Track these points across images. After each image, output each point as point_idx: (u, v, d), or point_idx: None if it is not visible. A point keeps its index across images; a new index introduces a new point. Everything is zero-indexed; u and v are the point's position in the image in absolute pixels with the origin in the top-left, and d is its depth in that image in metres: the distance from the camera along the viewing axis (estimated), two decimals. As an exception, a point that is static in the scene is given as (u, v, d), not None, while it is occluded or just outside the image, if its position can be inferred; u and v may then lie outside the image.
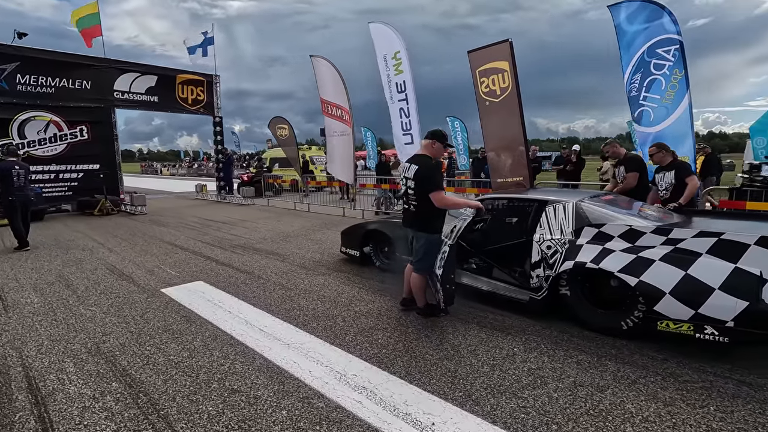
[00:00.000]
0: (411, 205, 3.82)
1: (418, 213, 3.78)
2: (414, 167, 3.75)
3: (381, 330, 3.76)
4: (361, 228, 5.89)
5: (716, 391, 2.73)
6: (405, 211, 3.95)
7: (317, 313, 4.20)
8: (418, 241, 3.82)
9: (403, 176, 3.91)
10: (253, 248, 7.27)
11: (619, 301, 3.52)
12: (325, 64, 10.66)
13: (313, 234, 8.56)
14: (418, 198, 3.73)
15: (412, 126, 9.20)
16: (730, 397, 2.66)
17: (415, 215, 3.80)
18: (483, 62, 7.67)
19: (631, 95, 6.26)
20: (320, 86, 11.02)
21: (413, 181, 3.72)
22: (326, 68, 10.63)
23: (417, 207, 3.77)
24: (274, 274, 5.65)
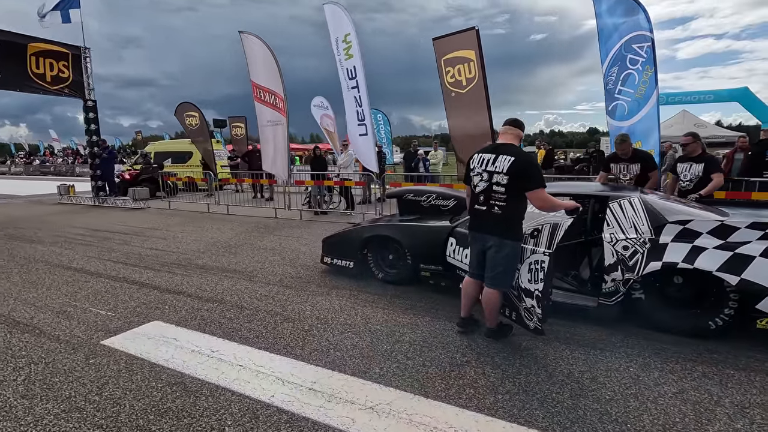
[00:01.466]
0: (495, 205, 3.12)
1: (504, 216, 3.10)
2: (507, 159, 3.05)
3: (468, 366, 3.00)
4: (358, 233, 4.95)
5: None
6: (480, 214, 3.23)
7: (365, 351, 3.23)
8: (500, 251, 3.13)
9: (483, 170, 3.18)
10: (196, 265, 5.71)
11: (700, 301, 3.35)
12: (256, 42, 9.13)
13: (259, 242, 7.19)
14: (510, 197, 3.06)
15: (365, 116, 8.37)
16: None
17: (500, 218, 3.11)
18: (448, 50, 7.25)
19: (608, 88, 6.43)
20: (251, 68, 9.44)
21: (506, 175, 3.03)
22: (258, 47, 9.12)
23: (505, 208, 3.08)
24: (255, 299, 4.39)
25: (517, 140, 3.22)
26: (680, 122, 22.07)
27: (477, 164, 3.24)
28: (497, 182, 3.08)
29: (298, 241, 7.17)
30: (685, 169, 4.99)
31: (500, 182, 3.07)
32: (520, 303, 3.25)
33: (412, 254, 4.50)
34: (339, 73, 8.55)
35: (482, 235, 3.22)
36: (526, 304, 3.16)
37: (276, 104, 9.37)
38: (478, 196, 3.23)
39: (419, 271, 4.51)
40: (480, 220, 3.23)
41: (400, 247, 4.67)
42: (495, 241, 3.14)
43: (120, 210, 11.51)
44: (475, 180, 3.25)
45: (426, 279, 4.50)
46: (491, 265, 3.20)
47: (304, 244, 7.00)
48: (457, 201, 4.91)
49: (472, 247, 3.39)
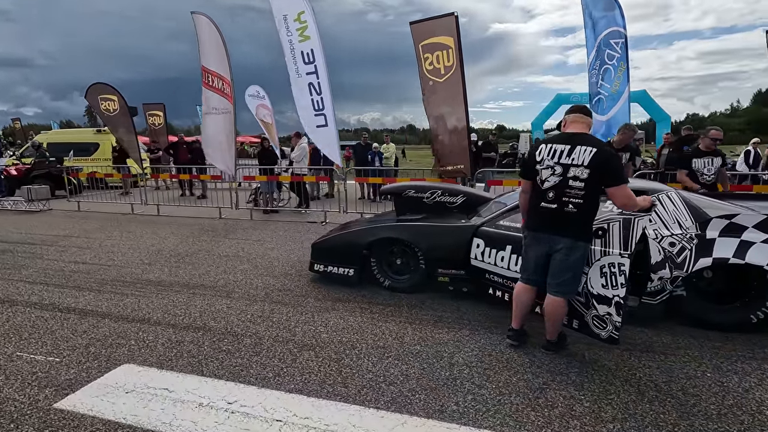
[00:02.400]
0: (569, 203, 2.74)
1: (580, 214, 2.74)
2: (587, 150, 2.68)
3: (550, 389, 2.60)
4: (359, 236, 4.33)
5: None
6: (547, 212, 2.84)
7: (423, 381, 2.68)
8: (571, 254, 2.78)
9: (556, 162, 2.79)
10: (148, 281, 4.64)
11: (739, 295, 3.34)
12: (206, 23, 7.85)
13: (214, 248, 6.17)
14: (588, 194, 2.70)
15: (325, 105, 7.60)
16: None
17: (575, 217, 2.75)
18: (426, 36, 6.81)
19: (591, 81, 6.46)
20: (202, 51, 8.11)
21: (586, 169, 2.67)
22: (208, 29, 7.84)
23: (581, 206, 2.73)
24: (249, 322, 3.59)
25: (589, 129, 2.89)
26: (591, 120, 24.35)
27: (547, 156, 2.84)
28: (574, 176, 2.72)
29: (262, 246, 6.28)
30: (708, 164, 4.98)
31: (578, 176, 2.71)
32: (588, 310, 2.93)
33: (428, 258, 4.02)
34: (287, 58, 7.65)
35: (549, 236, 2.85)
36: (599, 311, 2.86)
37: (223, 90, 8.18)
38: (546, 192, 2.84)
39: (436, 276, 4.05)
40: (547, 219, 2.85)
41: (410, 251, 4.16)
42: (567, 243, 2.79)
43: (12, 214, 9.37)
44: (545, 174, 2.84)
45: (444, 285, 4.05)
46: (558, 270, 2.84)
47: (270, 248, 6.14)
48: (467, 197, 4.52)
49: (530, 249, 3.00)
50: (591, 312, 2.91)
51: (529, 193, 3.02)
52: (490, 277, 3.76)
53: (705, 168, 4.96)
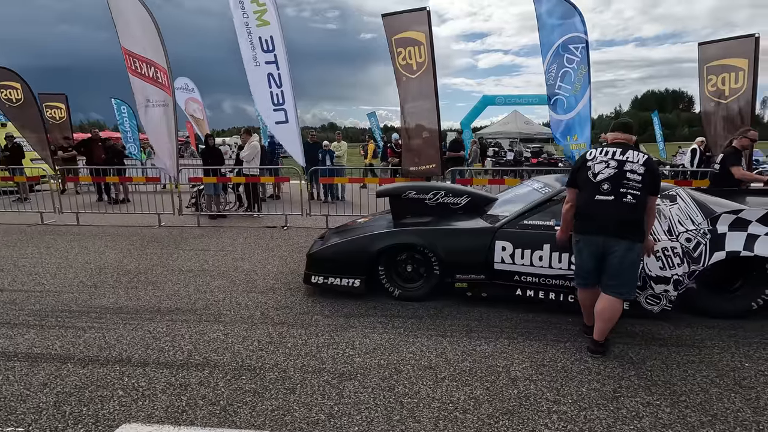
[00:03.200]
0: (628, 194, 2.75)
1: (636, 208, 2.76)
2: (641, 155, 2.79)
3: (625, 397, 2.50)
4: (367, 243, 3.94)
5: None
6: (603, 205, 2.79)
7: (497, 404, 2.42)
8: (628, 255, 2.75)
9: (610, 158, 2.81)
10: (104, 309, 3.79)
11: (735, 283, 3.59)
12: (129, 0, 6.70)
13: (170, 261, 5.33)
14: (643, 190, 2.75)
15: (285, 99, 6.99)
16: None
17: (632, 212, 2.76)
18: (399, 30, 6.57)
19: (549, 83, 6.68)
20: (121, 31, 6.89)
21: (643, 166, 2.75)
22: (132, 6, 6.70)
23: (639, 198, 2.75)
24: (262, 351, 3.05)
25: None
26: (513, 120, 25.90)
27: (599, 154, 2.86)
28: (632, 170, 2.75)
29: (228, 257, 5.56)
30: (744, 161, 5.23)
31: (636, 171, 2.75)
32: (644, 291, 3.18)
33: (447, 263, 3.78)
34: (242, 43, 6.91)
35: (604, 238, 2.79)
36: (655, 290, 3.15)
37: (158, 79, 7.13)
38: (599, 185, 2.80)
39: (452, 282, 3.83)
40: (603, 214, 2.79)
41: (422, 257, 3.89)
42: (623, 246, 2.75)
43: None
44: (598, 168, 2.83)
45: (461, 291, 3.84)
46: (617, 271, 2.80)
47: (238, 259, 5.46)
48: (471, 197, 4.36)
49: (583, 253, 2.92)
50: (646, 292, 3.09)
51: (573, 203, 3.00)
52: (522, 278, 3.65)
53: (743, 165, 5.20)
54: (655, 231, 2.94)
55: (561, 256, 3.55)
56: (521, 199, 4.16)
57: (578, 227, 2.95)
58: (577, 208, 2.97)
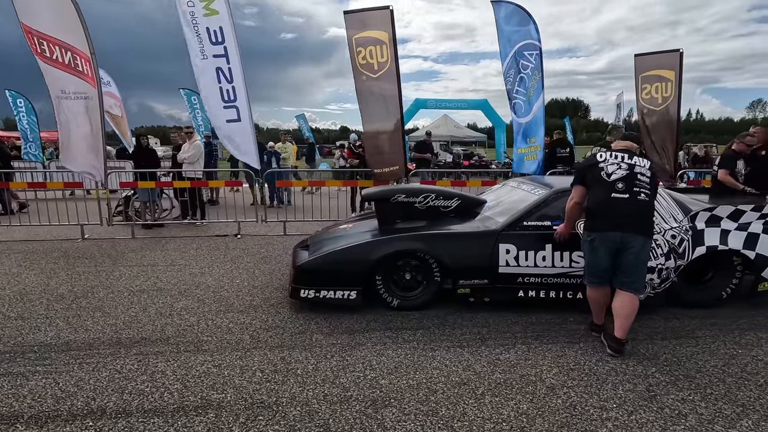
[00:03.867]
0: (641, 192, 2.91)
1: (649, 206, 2.95)
2: (645, 161, 3.04)
3: (662, 395, 2.52)
4: (365, 251, 3.65)
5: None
6: (620, 203, 2.89)
7: (548, 416, 2.30)
8: (643, 251, 2.92)
9: (620, 161, 2.98)
10: (44, 346, 3.06)
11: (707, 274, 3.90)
12: None
13: (114, 281, 4.55)
14: (651, 191, 2.96)
15: (237, 95, 6.38)
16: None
17: (646, 209, 2.94)
18: (361, 28, 6.31)
19: (507, 87, 6.85)
20: (19, 5, 5.74)
21: (649, 171, 2.99)
22: None
23: (651, 197, 2.95)
24: (269, 383, 2.62)
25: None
26: (444, 124, 26.82)
27: (609, 157, 3.00)
28: (641, 173, 2.94)
29: (183, 272, 4.89)
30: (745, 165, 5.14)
31: (645, 174, 2.95)
32: None
33: (451, 269, 3.63)
34: (187, 33, 6.19)
35: (622, 234, 2.86)
36: None
37: (77, 67, 6.11)
38: (614, 183, 2.91)
39: (456, 288, 3.69)
40: (621, 210, 2.87)
41: (422, 263, 3.70)
42: (640, 242, 2.87)
43: None
44: (611, 168, 2.96)
45: (464, 297, 3.72)
46: (632, 267, 2.91)
47: (197, 274, 4.82)
48: (461, 200, 4.27)
49: (598, 252, 2.97)
50: None
51: (580, 201, 3.09)
52: (525, 279, 3.62)
53: (744, 169, 5.14)
54: None
55: (562, 254, 3.59)
56: (511, 201, 4.16)
57: (594, 225, 2.99)
58: (591, 206, 3.02)
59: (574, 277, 3.63)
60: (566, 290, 3.68)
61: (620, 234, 2.85)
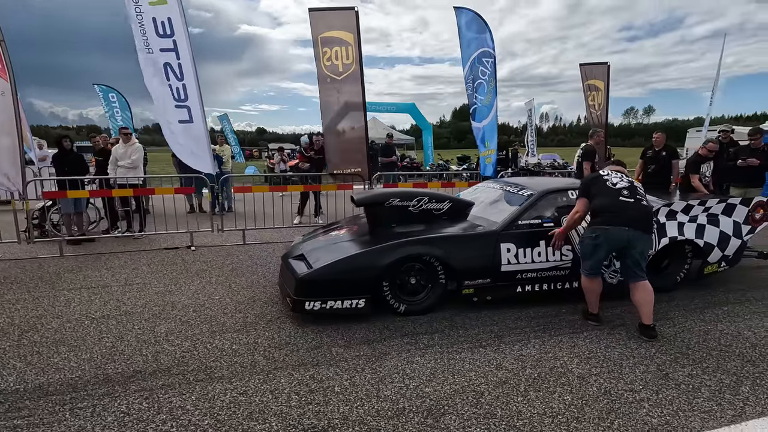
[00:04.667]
0: (643, 198, 3.40)
1: (650, 210, 3.46)
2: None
3: (673, 373, 2.80)
4: (373, 258, 3.55)
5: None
6: (628, 206, 3.29)
7: (604, 404, 2.44)
8: (647, 245, 3.35)
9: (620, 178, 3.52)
10: (17, 393, 2.52)
11: (663, 262, 4.44)
12: None
13: (65, 309, 3.90)
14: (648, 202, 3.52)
15: (188, 94, 5.84)
16: None
17: (649, 211, 3.41)
18: (326, 28, 6.15)
19: (468, 93, 7.13)
20: None
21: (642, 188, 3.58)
22: None
23: (648, 203, 3.50)
24: (320, 405, 2.44)
25: None
26: (374, 127, 27.05)
27: (610, 173, 3.55)
28: (638, 187, 3.47)
29: (147, 291, 4.35)
30: (708, 168, 5.82)
31: (640, 188, 3.48)
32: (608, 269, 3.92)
33: (458, 270, 3.68)
34: (133, 24, 5.55)
35: (632, 231, 3.21)
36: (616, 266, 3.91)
37: (-17, 55, 5.13)
38: (620, 191, 3.35)
39: (460, 289, 3.76)
40: (628, 212, 3.27)
41: (426, 267, 3.71)
42: (645, 238, 3.27)
43: None
44: (614, 179, 3.45)
45: (467, 297, 3.80)
46: (638, 260, 3.27)
47: (164, 291, 4.33)
48: (452, 203, 4.35)
49: (602, 247, 3.31)
50: (610, 269, 3.90)
51: (583, 213, 3.49)
52: (523, 275, 3.81)
53: (708, 171, 5.89)
54: None
55: (554, 249, 3.85)
56: (498, 203, 4.36)
57: (602, 222, 3.31)
58: (598, 208, 3.37)
59: (563, 269, 3.91)
60: (557, 282, 3.95)
61: (630, 232, 3.19)
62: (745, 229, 4.48)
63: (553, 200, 4.13)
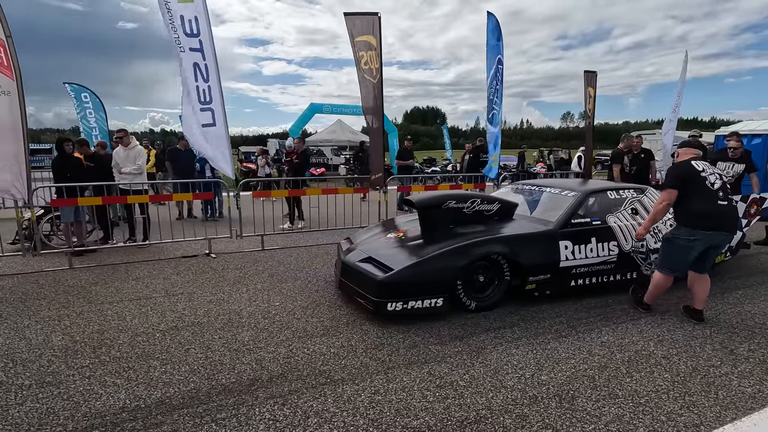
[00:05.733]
0: (732, 199, 3.64)
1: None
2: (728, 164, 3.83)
3: (711, 351, 3.20)
4: (452, 258, 3.69)
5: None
6: (725, 210, 3.53)
7: (712, 379, 2.75)
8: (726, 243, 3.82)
9: (713, 171, 3.62)
10: (143, 412, 2.41)
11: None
12: None
13: (110, 321, 3.69)
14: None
15: (213, 97, 5.66)
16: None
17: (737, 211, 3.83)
18: (359, 32, 6.22)
19: (489, 98, 7.37)
20: None
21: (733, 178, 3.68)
22: None
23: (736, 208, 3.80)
24: (459, 398, 2.55)
25: None
26: (338, 129, 27.06)
27: (707, 167, 3.61)
28: (727, 181, 3.83)
29: (196, 301, 4.20)
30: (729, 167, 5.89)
31: (729, 182, 3.72)
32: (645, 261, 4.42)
33: (524, 267, 3.92)
34: (164, 19, 5.29)
35: (726, 234, 3.56)
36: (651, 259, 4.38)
37: (-11, 51, 4.69)
38: (716, 192, 3.50)
39: (524, 285, 4.00)
40: (724, 217, 3.52)
41: (492, 265, 3.91)
42: (731, 238, 3.72)
43: None
44: (711, 179, 3.53)
45: (530, 292, 4.05)
46: (714, 257, 3.71)
47: (217, 301, 4.20)
48: (501, 204, 4.58)
49: (696, 248, 3.53)
50: (647, 261, 4.31)
51: (671, 203, 3.59)
52: (576, 270, 4.11)
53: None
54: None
55: (603, 245, 4.20)
56: (542, 203, 4.67)
57: (701, 225, 3.48)
58: (698, 213, 3.50)
59: (610, 263, 4.28)
60: (604, 275, 4.31)
61: (726, 235, 3.56)
62: (743, 222, 5.11)
63: (596, 200, 4.50)
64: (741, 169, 5.69)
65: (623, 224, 4.35)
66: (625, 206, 4.52)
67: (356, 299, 3.91)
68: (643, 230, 3.81)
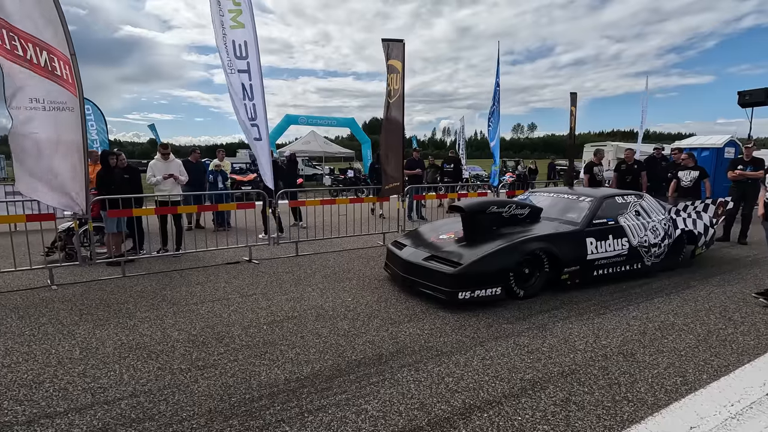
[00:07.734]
0: None
1: None
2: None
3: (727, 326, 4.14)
4: (509, 254, 4.41)
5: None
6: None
7: (715, 338, 3.63)
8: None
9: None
10: (327, 373, 2.91)
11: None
12: None
13: (212, 319, 4.09)
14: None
15: (257, 114, 6.11)
16: (735, 270, 5.99)
17: None
18: (390, 57, 6.89)
19: (490, 113, 8.25)
20: None
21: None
22: None
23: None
24: (549, 363, 3.24)
25: None
26: (312, 140, 27.43)
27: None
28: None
29: (275, 299, 4.65)
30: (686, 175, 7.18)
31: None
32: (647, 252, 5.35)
33: (561, 260, 4.71)
34: (218, 42, 5.71)
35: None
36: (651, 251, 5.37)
37: (55, 70, 4.92)
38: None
39: (560, 275, 4.80)
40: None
41: (534, 259, 4.67)
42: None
43: None
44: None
45: (564, 281, 4.85)
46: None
47: (293, 299, 4.67)
48: (531, 209, 5.39)
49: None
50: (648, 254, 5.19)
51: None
52: (598, 262, 4.97)
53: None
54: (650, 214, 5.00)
55: (617, 241, 5.10)
56: (562, 208, 5.52)
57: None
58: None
59: (623, 256, 5.18)
60: (617, 266, 5.20)
61: None
62: (713, 221, 6.25)
63: (608, 204, 5.42)
64: (697, 175, 7.11)
65: (631, 224, 5.29)
66: (630, 209, 5.47)
67: (424, 291, 4.53)
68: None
